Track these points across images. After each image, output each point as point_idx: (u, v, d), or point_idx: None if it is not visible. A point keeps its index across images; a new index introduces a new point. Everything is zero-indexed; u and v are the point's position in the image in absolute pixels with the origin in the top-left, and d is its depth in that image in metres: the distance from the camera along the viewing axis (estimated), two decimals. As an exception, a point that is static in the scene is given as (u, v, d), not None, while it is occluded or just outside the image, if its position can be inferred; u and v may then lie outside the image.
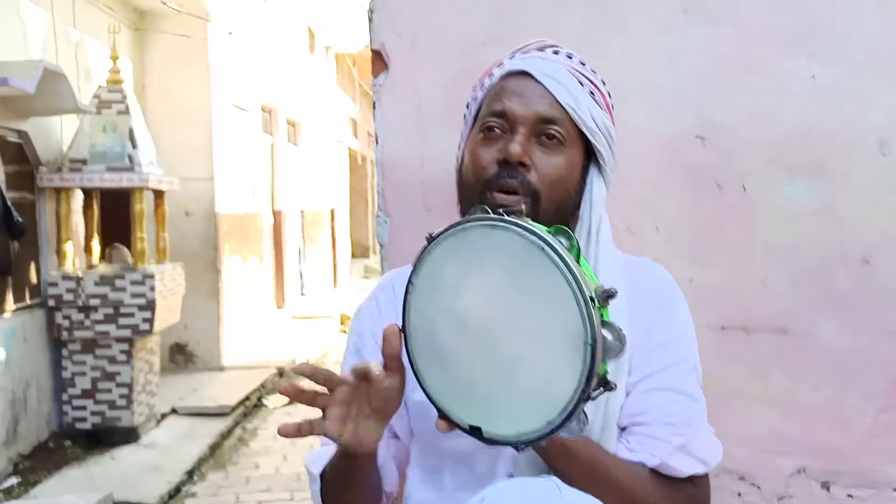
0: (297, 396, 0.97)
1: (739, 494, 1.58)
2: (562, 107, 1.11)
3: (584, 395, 0.84)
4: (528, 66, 1.13)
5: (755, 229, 1.55)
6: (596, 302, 0.84)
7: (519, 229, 0.86)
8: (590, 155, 1.17)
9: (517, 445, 0.89)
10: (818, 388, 1.55)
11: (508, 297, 0.88)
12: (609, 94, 1.20)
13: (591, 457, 1.05)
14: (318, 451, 1.18)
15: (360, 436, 0.99)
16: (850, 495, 1.55)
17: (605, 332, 0.84)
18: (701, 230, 1.57)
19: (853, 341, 1.53)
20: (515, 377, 0.88)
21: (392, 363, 0.98)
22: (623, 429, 1.12)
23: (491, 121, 1.13)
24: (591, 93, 1.15)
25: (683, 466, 1.09)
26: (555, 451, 1.03)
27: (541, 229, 0.86)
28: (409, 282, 0.94)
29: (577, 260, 0.86)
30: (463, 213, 1.17)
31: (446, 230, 0.91)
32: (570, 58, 1.17)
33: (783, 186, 1.54)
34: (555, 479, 0.98)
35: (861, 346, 1.53)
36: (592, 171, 1.17)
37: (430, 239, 0.92)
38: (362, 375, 0.96)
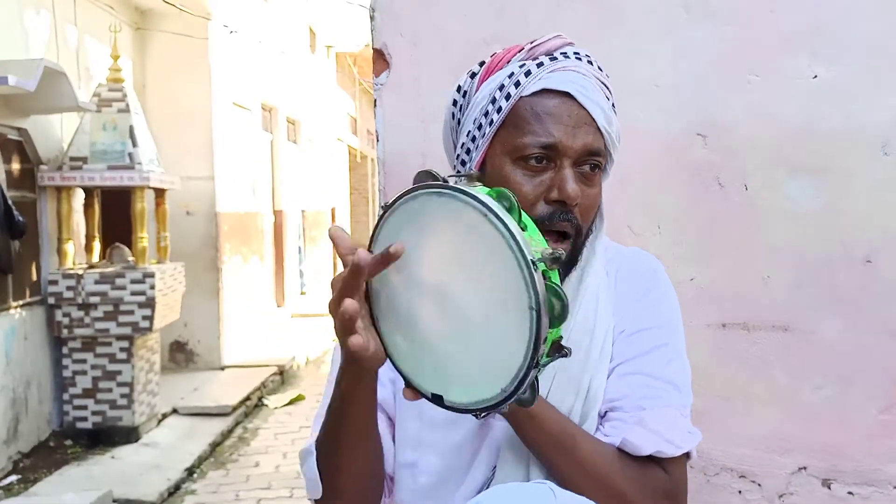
0: (342, 245, 0.90)
1: (740, 492, 1.58)
2: (601, 134, 1.09)
3: (534, 361, 0.83)
4: (567, 86, 1.08)
5: (757, 228, 1.55)
6: (540, 265, 0.82)
7: (463, 195, 0.85)
8: None
9: (476, 413, 0.89)
10: (819, 387, 1.55)
11: (459, 263, 0.88)
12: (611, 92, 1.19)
13: (559, 427, 1.05)
14: (309, 441, 1.15)
15: (374, 344, 0.93)
16: (850, 493, 1.55)
17: (551, 298, 0.83)
18: (702, 229, 1.57)
19: (855, 340, 1.54)
20: (470, 344, 0.88)
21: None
22: (603, 415, 1.11)
23: (537, 152, 1.06)
24: (613, 104, 1.13)
25: (643, 442, 1.05)
26: (523, 420, 1.03)
27: (483, 195, 0.85)
28: (368, 250, 0.92)
29: (520, 221, 0.85)
30: None
31: (399, 197, 0.91)
32: (591, 63, 1.13)
33: (785, 185, 1.54)
34: (549, 483, 0.98)
35: (863, 345, 1.54)
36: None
37: (385, 207, 0.92)
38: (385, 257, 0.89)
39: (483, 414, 0.89)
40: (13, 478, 5.12)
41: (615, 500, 1.03)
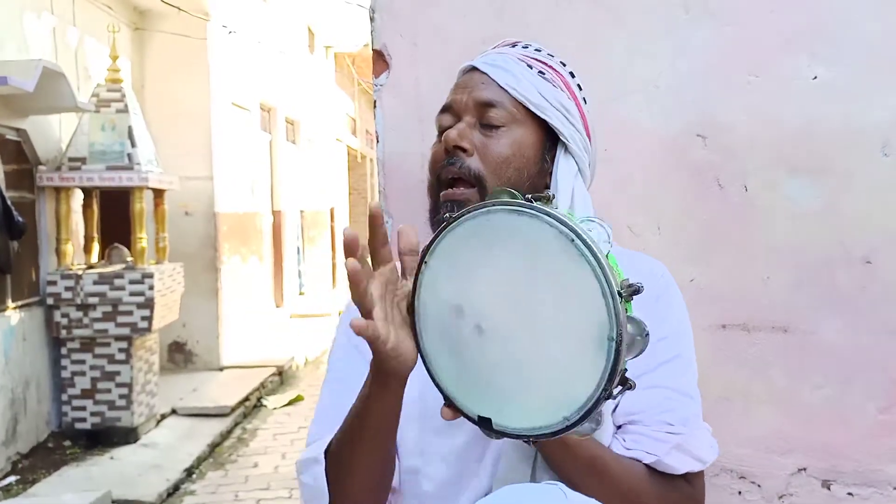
0: (352, 246, 0.89)
1: (740, 493, 1.58)
2: (502, 89, 1.13)
3: (605, 393, 0.81)
4: (475, 62, 1.18)
5: (756, 229, 1.55)
6: (622, 296, 0.81)
7: (548, 217, 0.82)
8: (555, 136, 1.16)
9: (528, 439, 0.86)
10: (819, 388, 1.55)
11: (530, 286, 0.84)
12: (572, 74, 1.20)
13: (589, 451, 1.04)
14: (308, 452, 1.13)
15: (401, 345, 0.90)
16: (850, 494, 1.55)
17: (630, 329, 0.81)
18: (702, 229, 1.57)
19: (854, 341, 1.54)
20: (533, 370, 0.84)
21: (409, 262, 0.92)
22: (619, 426, 1.11)
23: (441, 118, 1.17)
24: (541, 72, 1.15)
25: (679, 464, 1.09)
26: (553, 444, 1.02)
27: (570, 219, 0.82)
28: (423, 260, 0.90)
29: (607, 252, 0.83)
30: (431, 209, 1.17)
31: (468, 211, 0.87)
32: (527, 47, 1.19)
33: (785, 186, 1.54)
34: (560, 484, 0.97)
35: (862, 346, 1.54)
36: (559, 151, 1.16)
37: (451, 219, 0.88)
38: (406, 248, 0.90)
39: (536, 441, 0.87)
40: (12, 478, 5.11)
41: None
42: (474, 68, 1.17)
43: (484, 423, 0.88)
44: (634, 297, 0.82)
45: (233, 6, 8.46)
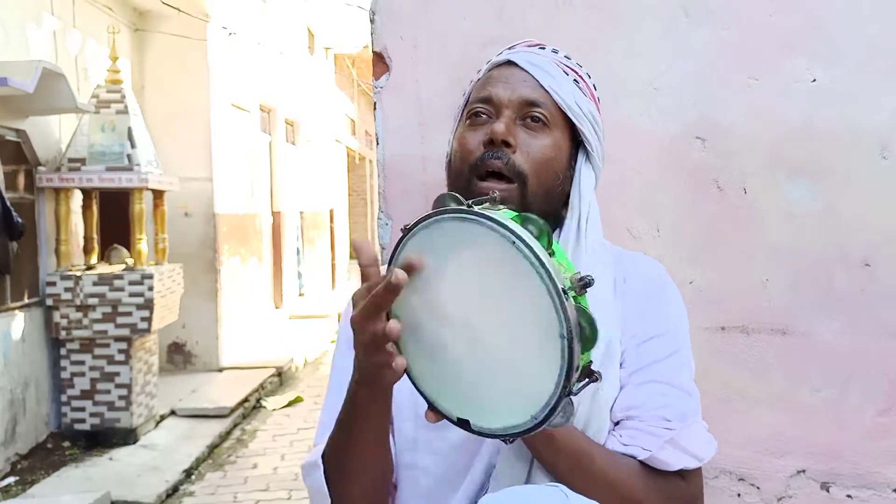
0: (365, 257, 0.90)
1: (739, 495, 1.58)
2: (545, 91, 1.14)
3: (566, 390, 0.82)
4: (513, 57, 1.17)
5: (755, 230, 1.56)
6: (570, 293, 0.82)
7: (488, 222, 0.83)
8: (577, 143, 1.18)
9: (505, 438, 0.88)
10: (818, 390, 1.55)
11: (484, 290, 0.86)
12: (595, 86, 1.22)
13: (577, 447, 1.05)
14: (309, 456, 1.15)
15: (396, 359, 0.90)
16: (849, 496, 1.55)
17: (581, 322, 0.82)
18: (701, 231, 1.57)
19: (853, 342, 1.54)
20: (498, 371, 0.87)
21: (373, 273, 0.91)
22: (617, 423, 1.12)
23: (477, 107, 1.15)
24: (576, 81, 1.17)
25: (673, 460, 1.08)
26: (540, 442, 1.03)
27: (509, 221, 0.84)
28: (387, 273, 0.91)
29: (549, 247, 0.84)
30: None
31: (420, 221, 0.89)
32: (556, 52, 1.20)
33: (783, 188, 1.55)
34: (561, 486, 0.98)
35: (861, 348, 1.54)
36: (581, 159, 1.18)
37: (406, 230, 0.90)
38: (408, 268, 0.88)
39: (512, 439, 0.88)
40: (11, 479, 5.11)
41: None
42: (512, 63, 1.16)
43: (463, 425, 0.91)
44: (587, 289, 0.84)
45: (233, 7, 8.46)
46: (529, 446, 1.05)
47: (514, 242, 0.82)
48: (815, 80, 1.53)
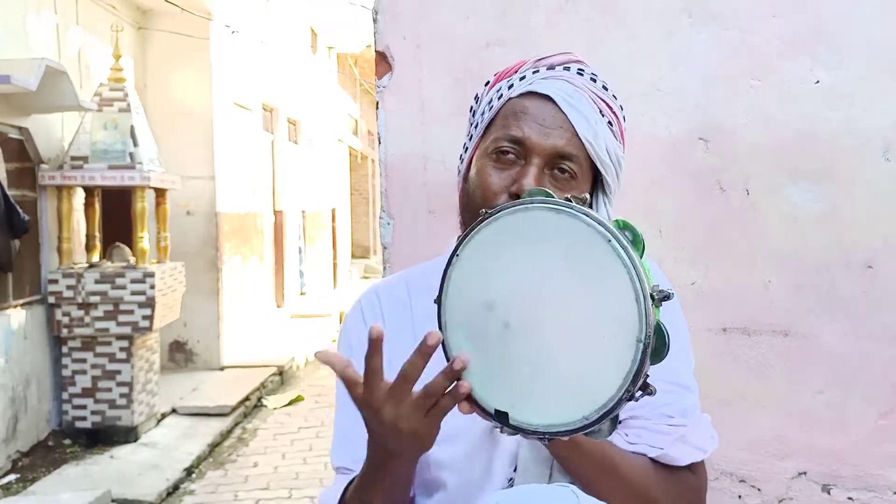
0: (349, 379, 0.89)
1: (740, 497, 1.58)
2: (580, 142, 1.08)
3: (628, 395, 0.82)
4: (553, 91, 1.09)
5: (758, 232, 1.55)
6: (654, 300, 0.82)
7: (587, 218, 0.84)
8: (596, 182, 1.15)
9: (543, 437, 0.86)
10: (819, 392, 1.55)
11: (563, 283, 0.85)
12: (624, 118, 1.18)
13: (599, 449, 1.05)
14: (328, 490, 1.14)
15: (421, 429, 0.89)
16: (850, 498, 1.55)
17: (656, 334, 0.82)
18: (703, 233, 1.57)
19: (855, 345, 1.54)
20: (557, 366, 0.85)
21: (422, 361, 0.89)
22: (620, 422, 1.12)
23: (506, 145, 1.08)
24: (610, 123, 1.12)
25: (683, 456, 1.10)
26: (566, 446, 1.02)
27: (606, 219, 0.85)
28: (455, 253, 0.90)
29: (641, 255, 0.84)
30: (465, 222, 1.14)
31: (506, 207, 0.88)
32: (594, 80, 1.13)
33: (786, 190, 1.55)
34: (571, 486, 0.97)
35: (863, 351, 1.54)
36: (599, 198, 1.16)
37: (487, 214, 0.89)
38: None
39: (550, 439, 0.86)
40: (12, 476, 5.12)
41: None
42: (550, 99, 1.08)
43: (500, 417, 0.87)
44: (664, 303, 0.83)
45: (235, 6, 8.46)
46: (553, 451, 1.04)
47: (609, 241, 0.83)
48: (818, 82, 1.53)
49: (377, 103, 1.64)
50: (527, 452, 1.09)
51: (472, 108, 1.20)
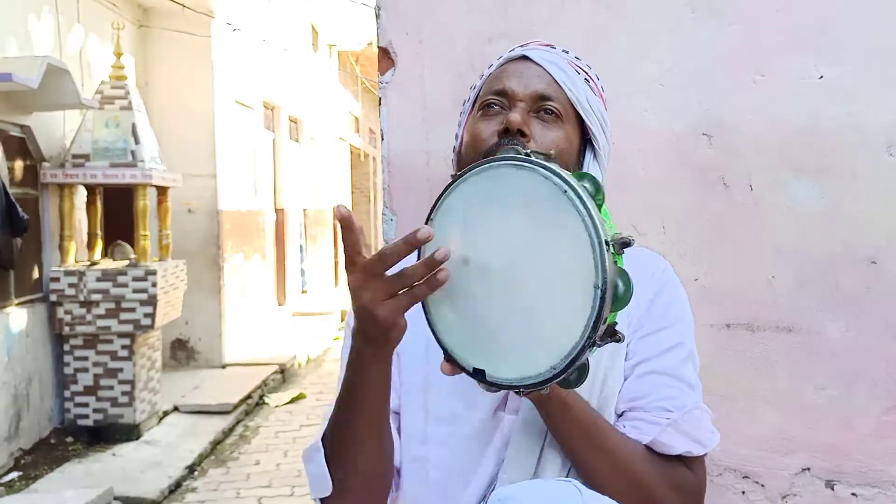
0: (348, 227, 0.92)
1: (744, 493, 1.58)
2: (559, 86, 1.15)
3: (590, 341, 0.83)
4: (528, 53, 1.18)
5: (761, 228, 1.55)
6: (610, 247, 0.83)
7: (544, 171, 0.85)
8: (586, 141, 1.19)
9: (518, 390, 0.88)
10: (823, 388, 1.55)
11: (528, 238, 0.87)
12: (603, 88, 1.23)
13: (590, 418, 1.07)
14: (311, 441, 1.14)
15: (391, 310, 0.90)
16: (854, 494, 1.55)
17: (618, 281, 0.83)
18: (707, 229, 1.57)
19: (859, 341, 1.53)
20: (526, 320, 0.87)
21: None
22: (620, 414, 1.13)
23: (490, 98, 1.16)
24: (587, 80, 1.19)
25: (675, 443, 1.09)
26: (554, 408, 1.04)
27: (565, 171, 0.86)
28: (429, 218, 0.92)
29: (600, 207, 0.85)
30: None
31: (473, 168, 0.90)
32: (567, 53, 1.21)
33: (790, 185, 1.54)
34: (574, 481, 0.98)
35: (866, 346, 1.53)
36: (588, 156, 1.20)
37: (456, 176, 0.91)
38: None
39: (525, 392, 0.88)
40: (14, 474, 5.12)
41: (642, 494, 1.06)
42: (526, 58, 1.18)
43: (478, 375, 0.90)
44: (625, 249, 0.85)
45: (237, 4, 8.46)
46: (545, 415, 1.06)
47: (565, 191, 0.84)
48: (821, 77, 1.53)
49: (379, 99, 1.63)
50: (517, 440, 1.10)
51: (463, 101, 1.26)
